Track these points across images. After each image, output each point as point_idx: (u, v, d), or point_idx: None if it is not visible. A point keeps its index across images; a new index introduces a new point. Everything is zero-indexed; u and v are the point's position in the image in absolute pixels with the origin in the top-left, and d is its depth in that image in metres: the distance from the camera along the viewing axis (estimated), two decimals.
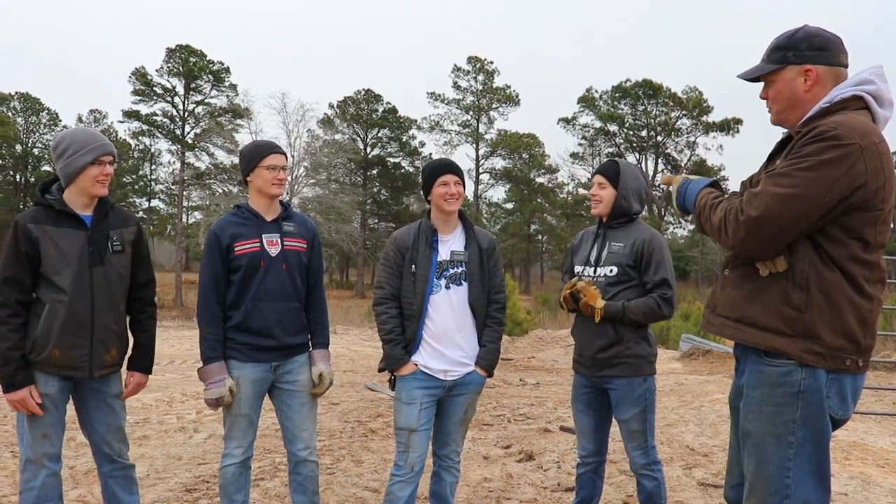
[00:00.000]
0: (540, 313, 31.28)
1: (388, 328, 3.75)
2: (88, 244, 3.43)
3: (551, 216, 67.23)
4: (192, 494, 4.98)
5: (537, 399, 9.21)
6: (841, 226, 2.37)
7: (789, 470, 2.44)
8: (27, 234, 3.34)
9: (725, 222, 2.46)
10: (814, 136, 2.34)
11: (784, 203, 2.32)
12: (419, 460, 3.73)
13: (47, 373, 3.38)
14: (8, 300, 3.33)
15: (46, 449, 3.41)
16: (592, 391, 3.91)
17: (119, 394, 3.65)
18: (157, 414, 7.78)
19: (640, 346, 3.76)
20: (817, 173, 2.30)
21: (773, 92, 2.62)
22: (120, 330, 3.58)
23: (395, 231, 4.01)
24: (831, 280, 2.39)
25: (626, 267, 3.77)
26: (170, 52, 51.43)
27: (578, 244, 4.12)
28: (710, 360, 14.37)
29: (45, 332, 3.35)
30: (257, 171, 3.69)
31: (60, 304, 3.35)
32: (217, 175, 50.76)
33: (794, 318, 2.41)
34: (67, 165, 3.40)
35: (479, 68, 62.69)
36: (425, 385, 3.72)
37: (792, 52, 2.54)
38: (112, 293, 3.51)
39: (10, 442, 6.34)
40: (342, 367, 12.19)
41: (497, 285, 3.87)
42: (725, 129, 58.40)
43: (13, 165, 62.63)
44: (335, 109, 63.00)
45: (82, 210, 3.47)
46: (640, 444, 3.80)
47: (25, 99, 62.41)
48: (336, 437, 6.81)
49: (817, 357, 2.40)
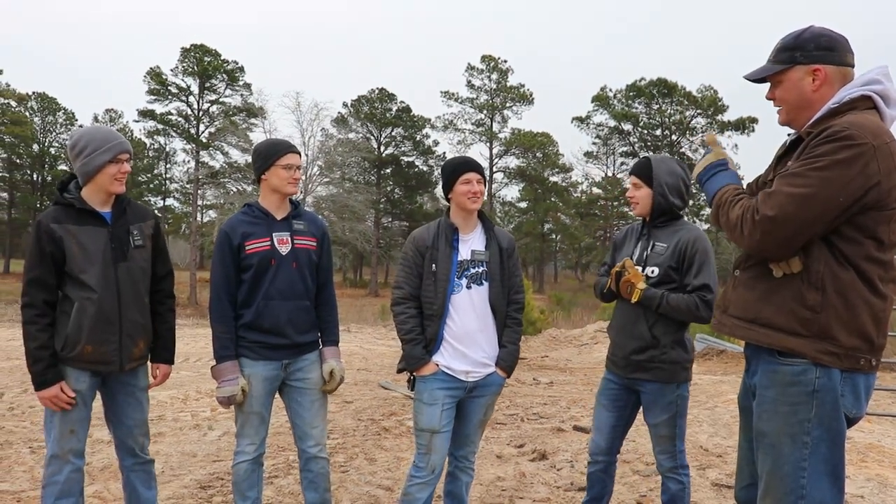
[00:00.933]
0: (553, 312, 31.19)
1: (408, 328, 3.71)
2: (111, 241, 3.49)
3: (565, 215, 67.08)
4: (206, 491, 5.01)
5: (550, 398, 9.20)
6: (855, 225, 2.37)
7: (804, 470, 2.43)
8: (50, 235, 3.39)
9: (742, 221, 2.45)
10: (827, 137, 2.34)
11: (799, 203, 2.32)
12: (440, 462, 3.70)
13: (79, 368, 3.45)
14: (35, 300, 3.40)
15: (73, 445, 3.48)
16: (621, 389, 3.85)
17: (146, 387, 3.72)
18: (172, 411, 7.83)
19: (676, 352, 3.66)
20: (831, 173, 2.30)
21: (780, 92, 2.61)
22: (145, 322, 3.65)
23: (413, 230, 3.98)
24: (846, 280, 2.39)
25: (669, 269, 3.66)
26: (184, 51, 51.62)
27: (622, 241, 4.03)
28: (724, 360, 14.28)
29: (76, 329, 3.40)
30: (273, 170, 3.70)
31: (89, 301, 3.41)
32: (231, 174, 50.97)
33: (810, 319, 2.41)
34: (86, 164, 3.44)
35: (493, 67, 62.58)
36: (447, 386, 3.68)
37: (800, 52, 2.54)
38: (136, 287, 3.57)
39: (28, 438, 6.40)
40: (356, 366, 12.22)
41: (517, 285, 3.85)
42: (741, 128, 57.96)
43: (30, 165, 63.22)
44: (349, 108, 63.13)
45: (101, 207, 3.52)
46: (667, 448, 3.75)
47: (42, 99, 62.93)
48: (349, 435, 6.82)
49: (833, 357, 2.40)
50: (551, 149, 64.82)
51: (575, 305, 38.25)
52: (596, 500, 3.99)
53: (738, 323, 2.61)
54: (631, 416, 3.91)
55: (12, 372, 10.50)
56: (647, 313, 3.67)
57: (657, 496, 4.88)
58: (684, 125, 60.06)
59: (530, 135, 62.79)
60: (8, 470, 5.41)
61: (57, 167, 63.13)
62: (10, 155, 60.44)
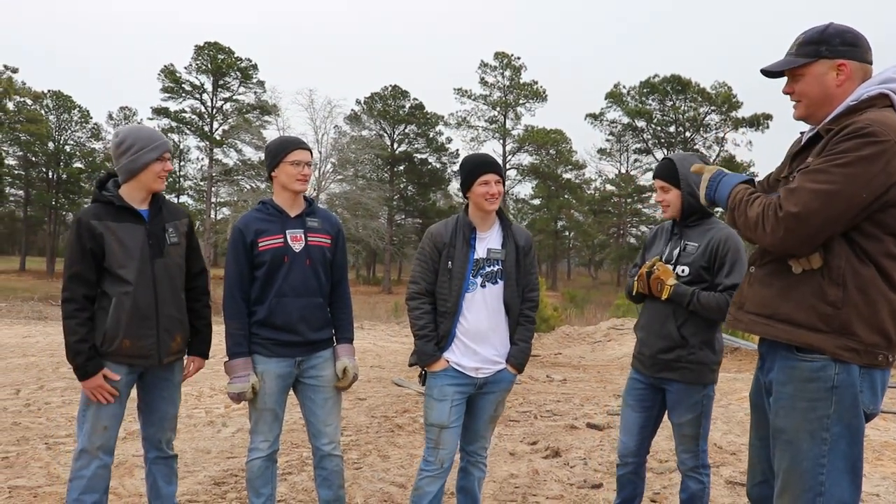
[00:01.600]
0: (567, 310, 31.16)
1: (422, 324, 3.72)
2: (148, 237, 3.56)
3: (578, 212, 67.00)
4: (220, 488, 5.03)
5: (564, 395, 9.18)
6: (876, 222, 2.37)
7: (823, 467, 2.43)
8: (91, 231, 3.45)
9: (763, 218, 2.44)
10: (850, 133, 2.34)
11: (822, 199, 2.32)
12: (448, 457, 3.72)
13: (118, 363, 3.52)
14: (75, 295, 3.46)
15: (104, 441, 3.54)
16: (647, 388, 3.81)
17: (180, 382, 3.82)
18: (186, 408, 7.86)
19: (704, 353, 3.61)
20: (855, 169, 2.29)
21: (802, 86, 2.59)
22: (182, 317, 3.73)
23: (426, 227, 4.01)
24: (867, 276, 2.39)
25: (700, 269, 3.60)
26: (198, 49, 51.95)
27: (652, 240, 3.97)
28: (738, 357, 14.21)
29: (115, 324, 3.47)
30: (282, 167, 3.71)
31: (126, 296, 3.48)
32: (245, 171, 51.14)
33: (831, 315, 2.41)
34: (133, 161, 3.52)
35: (506, 64, 62.55)
36: (457, 382, 3.70)
37: (825, 46, 2.53)
38: (173, 283, 3.65)
39: (44, 434, 6.45)
40: (369, 363, 12.24)
41: (531, 283, 3.82)
42: (755, 125, 57.70)
43: (46, 162, 63.63)
44: (362, 105, 63.31)
45: (139, 205, 3.60)
46: (690, 448, 3.72)
47: (57, 97, 63.34)
48: (363, 432, 6.84)
49: (853, 353, 2.40)
50: (564, 146, 64.74)
51: (588, 303, 38.20)
52: (627, 502, 3.94)
53: (756, 319, 2.60)
54: (659, 416, 3.86)
55: (28, 369, 10.58)
56: (677, 312, 3.63)
57: (671, 494, 4.86)
58: (698, 122, 59.81)
59: (543, 132, 62.69)
60: (25, 466, 5.46)
61: (72, 165, 63.59)
62: (25, 153, 60.93)
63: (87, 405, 3.52)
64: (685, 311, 3.60)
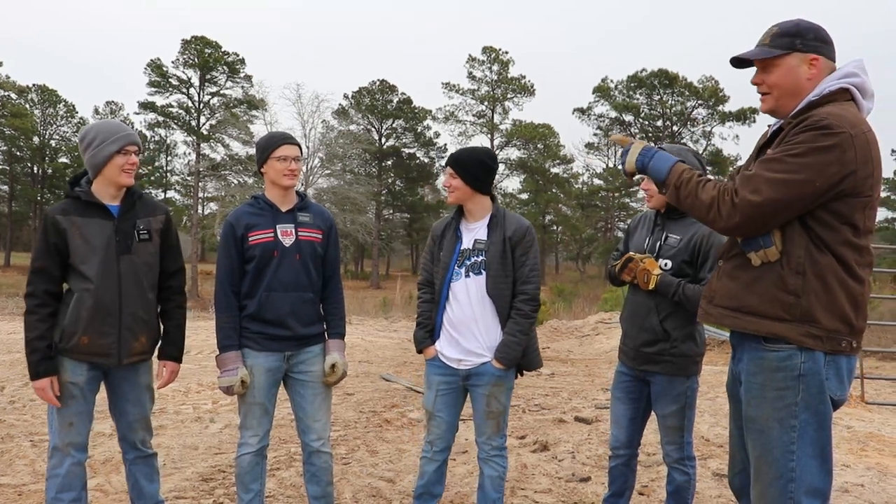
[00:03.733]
0: (555, 304, 31.21)
1: (420, 311, 3.94)
2: (115, 233, 3.49)
3: (566, 207, 67.06)
4: (208, 484, 5.02)
5: (552, 389, 9.20)
6: (832, 212, 2.45)
7: (793, 453, 2.51)
8: (56, 226, 3.41)
9: (719, 203, 2.52)
10: (806, 125, 2.43)
11: (777, 187, 2.41)
12: (438, 441, 3.83)
13: (77, 360, 3.45)
14: (37, 290, 3.42)
15: (73, 438, 3.48)
16: (633, 380, 3.84)
17: (148, 384, 3.71)
18: (173, 404, 7.84)
19: (687, 345, 3.64)
20: (809, 159, 2.38)
21: (774, 78, 2.64)
22: (149, 318, 3.64)
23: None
24: (825, 264, 2.47)
25: (683, 262, 3.63)
26: (185, 43, 51.51)
27: (635, 228, 3.98)
28: (724, 350, 14.28)
29: (74, 320, 3.41)
30: (270, 163, 3.70)
31: (87, 292, 3.41)
32: (232, 166, 50.81)
33: (792, 303, 2.50)
34: (94, 156, 3.45)
35: (494, 58, 62.42)
36: (441, 372, 3.79)
37: (800, 39, 2.60)
38: (139, 281, 3.56)
39: (29, 431, 6.41)
40: (357, 358, 12.23)
41: (525, 275, 3.71)
42: (742, 119, 57.83)
43: (31, 157, 63.14)
44: (350, 100, 63.05)
45: (111, 201, 3.53)
46: (675, 440, 3.75)
47: (42, 91, 62.82)
48: (351, 427, 6.83)
49: (816, 340, 2.49)
50: (552, 140, 64.67)
51: (576, 297, 38.22)
52: (617, 494, 3.96)
53: (725, 312, 2.68)
54: (647, 407, 3.88)
55: (13, 365, 10.51)
56: (660, 306, 3.65)
57: (658, 486, 4.89)
58: (685, 116, 59.94)
59: (531, 126, 62.64)
60: (9, 463, 5.42)
61: (57, 159, 63.16)
62: (10, 147, 60.32)
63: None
64: (668, 305, 3.63)
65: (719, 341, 15.00)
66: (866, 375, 9.12)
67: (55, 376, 3.41)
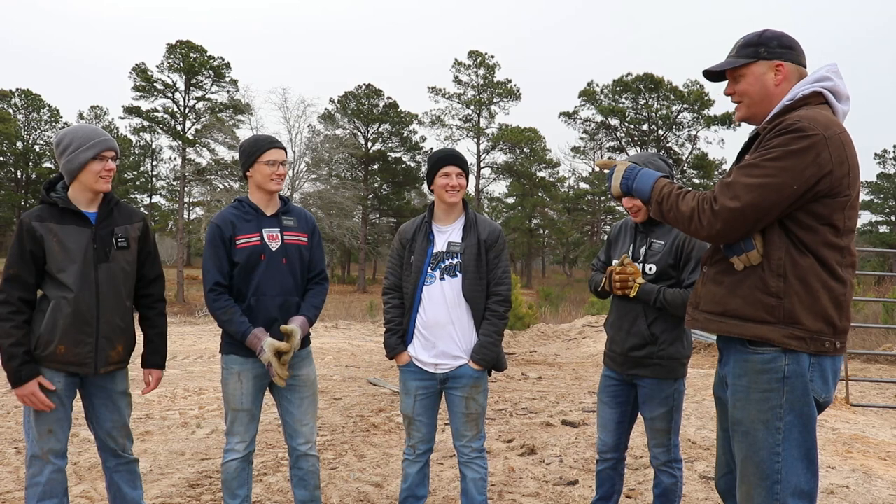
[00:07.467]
0: (542, 308, 31.24)
1: (389, 317, 3.88)
2: (93, 241, 3.43)
3: (552, 210, 67.20)
4: (195, 490, 4.99)
5: (539, 393, 9.21)
6: (812, 213, 2.48)
7: (779, 455, 2.53)
8: (32, 233, 3.35)
9: (699, 212, 2.56)
10: (780, 130, 2.47)
11: (756, 192, 2.45)
12: (420, 445, 3.86)
13: (53, 369, 3.40)
14: (10, 297, 3.35)
15: (52, 445, 3.43)
16: (620, 384, 3.87)
17: (125, 390, 3.66)
18: (159, 410, 7.79)
19: (674, 348, 3.69)
20: (785, 163, 2.42)
21: (743, 86, 2.72)
22: (126, 326, 3.58)
23: (400, 225, 4.04)
24: (806, 266, 2.50)
25: (667, 266, 3.67)
26: (170, 47, 51.28)
27: (616, 236, 4.00)
28: (711, 353, 14.34)
29: (50, 328, 3.36)
30: (256, 167, 3.68)
31: (65, 300, 3.36)
32: (218, 171, 50.61)
33: (775, 306, 2.52)
34: (70, 161, 3.40)
35: (480, 62, 62.55)
36: (418, 377, 3.80)
37: (763, 48, 2.67)
38: (117, 290, 3.51)
39: (13, 438, 6.36)
40: (344, 362, 12.20)
41: (498, 277, 3.78)
42: (727, 123, 58.15)
43: (14, 162, 62.68)
44: (336, 104, 63.00)
45: (87, 207, 3.48)
46: (662, 442, 3.77)
47: (26, 95, 62.44)
48: (338, 431, 6.82)
49: (799, 341, 2.51)
50: (538, 144, 64.86)
51: (563, 300, 38.33)
52: (605, 498, 3.98)
53: (710, 317, 2.70)
54: (634, 411, 3.92)
55: None
56: (647, 310, 3.69)
57: (645, 489, 4.90)
58: (671, 120, 60.24)
59: (517, 130, 62.78)
60: None
61: (41, 164, 62.65)
62: None
63: (30, 410, 3.40)
64: (655, 309, 3.67)
65: (705, 344, 15.06)
66: (851, 378, 9.20)
67: (41, 377, 3.36)
